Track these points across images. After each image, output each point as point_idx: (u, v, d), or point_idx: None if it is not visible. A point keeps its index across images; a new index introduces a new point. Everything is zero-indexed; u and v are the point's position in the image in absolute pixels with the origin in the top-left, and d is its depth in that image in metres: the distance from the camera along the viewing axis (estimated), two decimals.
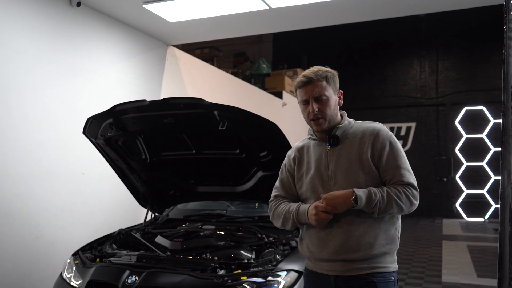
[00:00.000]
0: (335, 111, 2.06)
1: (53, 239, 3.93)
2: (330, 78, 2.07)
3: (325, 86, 2.04)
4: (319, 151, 2.10)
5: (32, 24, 3.81)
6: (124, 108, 2.93)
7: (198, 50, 9.65)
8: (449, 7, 4.86)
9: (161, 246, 3.03)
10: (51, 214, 3.92)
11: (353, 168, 1.98)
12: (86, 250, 3.11)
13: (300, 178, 2.13)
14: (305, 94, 2.04)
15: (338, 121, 2.09)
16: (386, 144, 1.99)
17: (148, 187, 3.55)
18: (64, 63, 4.12)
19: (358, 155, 1.99)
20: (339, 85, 2.13)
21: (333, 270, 2.00)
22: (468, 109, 12.37)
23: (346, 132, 2.07)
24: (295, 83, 2.12)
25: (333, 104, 2.05)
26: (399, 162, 1.97)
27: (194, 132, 3.08)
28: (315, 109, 2.01)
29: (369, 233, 1.95)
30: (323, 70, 2.09)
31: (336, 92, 2.09)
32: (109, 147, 3.26)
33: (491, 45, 12.17)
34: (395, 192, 1.91)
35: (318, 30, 6.74)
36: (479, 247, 7.69)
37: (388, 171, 1.97)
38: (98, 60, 4.56)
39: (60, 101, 4.08)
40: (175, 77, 5.80)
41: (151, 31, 5.21)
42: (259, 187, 3.31)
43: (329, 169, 2.03)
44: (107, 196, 4.55)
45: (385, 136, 2.01)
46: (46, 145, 3.91)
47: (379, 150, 1.98)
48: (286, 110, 9.46)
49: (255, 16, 4.75)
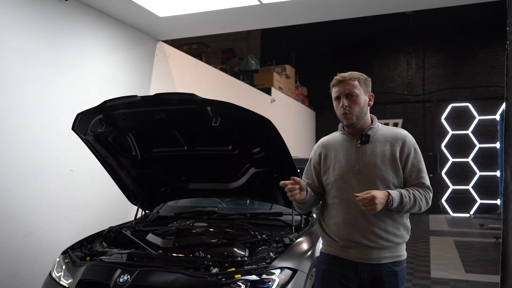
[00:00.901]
0: (364, 109, 2.28)
1: (42, 237, 3.86)
2: (362, 80, 2.30)
3: (356, 85, 2.27)
4: (349, 146, 2.31)
5: (18, 18, 3.72)
6: (114, 104, 2.87)
7: (186, 46, 9.57)
8: (436, 5, 4.86)
9: (153, 244, 2.98)
10: (39, 212, 3.85)
11: (382, 165, 2.22)
12: (75, 249, 3.05)
13: (327, 169, 2.34)
14: (338, 91, 2.29)
15: (368, 122, 2.33)
16: (411, 149, 2.26)
17: (139, 184, 3.49)
18: (51, 58, 4.04)
19: (390, 155, 2.23)
20: (371, 89, 2.35)
21: (361, 258, 2.21)
22: (454, 105, 12.49)
23: (375, 133, 2.30)
24: (332, 81, 2.34)
25: (362, 102, 2.27)
26: (421, 166, 2.26)
27: (186, 128, 3.04)
28: (345, 104, 2.24)
29: (392, 224, 2.21)
30: (356, 73, 2.32)
31: (366, 94, 2.31)
32: (99, 144, 3.20)
33: (477, 43, 12.30)
34: (419, 195, 2.18)
35: (305, 27, 6.74)
36: (465, 243, 7.76)
37: (412, 173, 2.24)
38: (86, 55, 4.48)
39: (47, 97, 3.99)
40: (165, 73, 5.73)
41: (141, 26, 5.14)
42: (251, 184, 3.28)
43: (359, 164, 2.25)
44: (96, 194, 4.48)
45: (412, 142, 2.29)
46: (33, 142, 3.84)
47: (406, 153, 2.24)
48: (274, 107, 9.44)
49: (246, 11, 4.71)
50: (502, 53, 12.14)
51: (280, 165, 2.96)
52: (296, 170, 2.87)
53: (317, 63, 13.07)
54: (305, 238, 3.03)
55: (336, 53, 13.26)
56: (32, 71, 3.83)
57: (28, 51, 3.80)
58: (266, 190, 3.25)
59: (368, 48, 13.20)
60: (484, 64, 12.31)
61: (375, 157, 2.24)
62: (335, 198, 2.32)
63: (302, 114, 11.63)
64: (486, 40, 12.22)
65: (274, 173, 3.06)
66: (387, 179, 2.22)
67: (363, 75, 2.34)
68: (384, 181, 2.21)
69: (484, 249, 7.18)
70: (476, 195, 12.13)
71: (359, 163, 2.26)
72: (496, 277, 5.29)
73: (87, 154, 3.55)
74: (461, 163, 12.39)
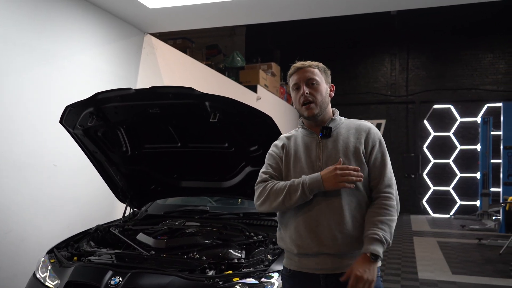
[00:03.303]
0: (326, 99, 2.08)
1: (23, 234, 3.68)
2: (322, 68, 2.13)
3: (317, 73, 2.09)
4: (309, 141, 2.08)
5: (1, 4, 3.53)
6: (106, 97, 2.74)
7: (170, 40, 9.39)
8: (421, 5, 4.82)
9: (144, 244, 2.86)
10: (20, 208, 3.67)
11: (345, 159, 1.97)
12: (61, 248, 2.90)
13: (287, 166, 2.08)
14: (297, 79, 2.08)
15: (329, 114, 2.11)
16: (376, 141, 2.04)
17: (128, 181, 3.36)
18: (35, 48, 3.85)
19: (353, 147, 2.00)
20: (330, 80, 2.17)
21: (322, 269, 1.94)
22: (436, 107, 12.60)
23: (338, 126, 2.09)
24: (290, 70, 2.14)
25: (323, 91, 2.08)
26: (386, 161, 2.03)
27: (181, 124, 2.92)
28: (306, 91, 2.04)
29: (358, 227, 1.93)
30: (315, 62, 2.15)
31: (327, 83, 2.13)
32: (87, 138, 3.06)
33: (459, 45, 12.42)
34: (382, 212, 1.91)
35: (291, 25, 6.68)
36: (449, 244, 7.81)
37: (375, 168, 2.00)
38: (72, 46, 4.30)
39: (30, 88, 3.81)
40: (152, 66, 5.57)
41: (129, 18, 4.97)
42: (246, 183, 3.17)
43: (320, 159, 2.01)
44: (80, 190, 4.31)
45: (377, 135, 2.07)
46: (16, 135, 3.65)
47: (371, 146, 2.02)
48: (260, 104, 9.34)
49: (237, 5, 4.60)
50: (483, 56, 12.30)
51: None
52: None
53: None
54: None
55: (321, 52, 13.21)
56: (15, 60, 3.64)
57: (11, 39, 3.61)
58: None
59: (353, 48, 13.21)
60: (467, 66, 12.45)
61: (337, 151, 2.00)
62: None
63: (286, 112, 11.56)
64: (469, 43, 12.35)
65: None
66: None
67: (322, 64, 2.17)
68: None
69: (468, 250, 7.23)
70: (456, 196, 12.27)
71: (320, 159, 2.00)
72: (482, 278, 5.31)
73: (72, 149, 3.40)
74: (442, 164, 12.51)
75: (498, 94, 11.96)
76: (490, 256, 6.72)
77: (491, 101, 11.93)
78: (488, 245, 7.63)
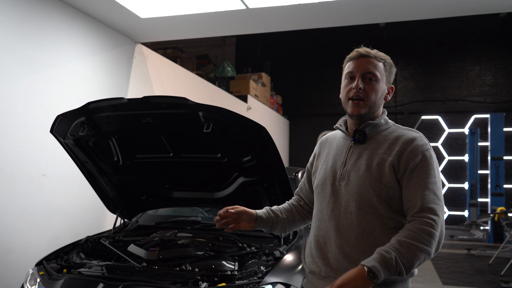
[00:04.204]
0: (379, 101, 1.78)
1: (10, 246, 3.60)
2: (388, 65, 1.82)
3: (380, 68, 1.79)
4: (343, 144, 1.85)
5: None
6: (98, 106, 2.71)
7: (161, 50, 9.39)
8: (408, 18, 4.87)
9: (135, 256, 2.82)
10: (8, 219, 3.60)
11: (370, 173, 1.69)
12: (51, 260, 2.84)
13: (316, 171, 1.93)
14: (355, 67, 1.79)
15: (375, 117, 1.80)
16: (417, 156, 1.66)
17: (119, 192, 3.31)
18: (24, 56, 3.81)
19: (379, 160, 1.69)
20: (392, 79, 1.85)
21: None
22: (424, 118, 12.71)
23: (377, 131, 1.78)
24: (351, 53, 1.87)
25: (380, 91, 1.78)
26: (426, 181, 1.62)
27: (174, 134, 2.89)
28: (360, 86, 1.74)
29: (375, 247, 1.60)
30: (384, 54, 1.84)
31: (388, 84, 1.83)
32: (78, 148, 3.01)
33: (447, 57, 12.57)
34: (409, 235, 1.54)
35: (281, 36, 6.73)
36: (438, 254, 7.74)
37: (409, 188, 1.64)
38: (62, 55, 4.26)
39: (19, 97, 3.76)
40: (143, 76, 5.55)
41: (120, 27, 4.95)
42: (238, 194, 3.15)
43: (345, 167, 1.76)
44: (70, 200, 4.25)
45: (419, 148, 1.67)
46: (4, 144, 3.59)
47: (407, 160, 1.66)
48: (250, 114, 9.34)
49: (231, 15, 4.60)
50: (471, 68, 12.46)
51: (271, 175, 2.85)
52: (288, 180, 2.78)
53: (291, 72, 13.09)
54: (295, 251, 2.92)
55: (310, 63, 13.30)
56: (3, 68, 3.60)
57: (0, 47, 3.56)
58: (254, 200, 3.13)
59: (343, 59, 13.26)
60: (454, 78, 12.60)
61: (366, 162, 1.71)
62: (315, 209, 1.89)
63: (276, 122, 11.58)
64: (456, 55, 12.52)
65: (264, 183, 2.94)
66: (367, 198, 1.66)
67: (390, 60, 1.85)
68: (362, 201, 1.66)
69: (457, 260, 7.26)
70: (444, 207, 12.31)
71: (345, 166, 1.76)
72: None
73: (62, 158, 3.37)
74: None
75: (485, 106, 12.10)
76: (480, 267, 6.76)
77: (478, 112, 12.07)
78: (477, 255, 7.67)
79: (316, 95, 12.74)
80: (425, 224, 1.57)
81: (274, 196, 2.94)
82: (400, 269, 1.50)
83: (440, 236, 1.59)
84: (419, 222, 1.58)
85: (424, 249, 1.54)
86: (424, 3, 4.29)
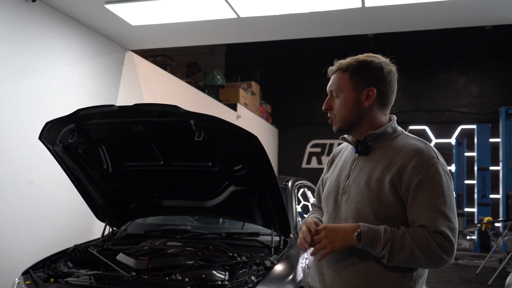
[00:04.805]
0: (354, 111, 1.68)
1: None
2: (355, 69, 1.68)
3: (342, 79, 1.70)
4: (349, 156, 1.77)
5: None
6: (88, 113, 2.68)
7: (150, 58, 9.37)
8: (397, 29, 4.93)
9: (124, 265, 2.77)
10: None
11: (368, 189, 1.60)
12: (38, 269, 2.79)
13: (325, 183, 1.88)
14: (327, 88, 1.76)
15: (376, 126, 1.69)
16: (421, 171, 1.52)
17: (108, 200, 3.28)
18: (14, 62, 3.77)
19: (381, 174, 1.58)
20: (374, 81, 1.67)
21: None
22: (412, 128, 12.82)
23: (382, 141, 1.68)
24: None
25: (347, 103, 1.68)
26: (433, 201, 1.49)
27: (165, 142, 2.87)
28: (324, 106, 1.74)
29: (365, 275, 1.57)
30: (353, 59, 1.72)
31: (360, 89, 1.67)
32: (67, 155, 2.98)
33: (434, 68, 12.73)
34: (416, 235, 1.48)
35: (270, 45, 6.80)
36: None
37: (414, 209, 1.52)
38: (51, 61, 4.22)
39: (6, 102, 3.71)
40: (133, 83, 5.52)
41: (111, 34, 4.93)
42: (229, 202, 3.13)
43: (348, 180, 1.69)
44: (57, 208, 4.20)
45: (425, 160, 1.54)
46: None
47: (409, 177, 1.53)
48: (240, 123, 9.34)
49: (222, 24, 4.62)
50: (457, 79, 12.62)
51: (262, 184, 2.84)
52: (279, 190, 2.77)
53: (281, 81, 13.14)
54: (286, 260, 2.91)
55: (300, 72, 13.36)
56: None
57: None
58: (244, 209, 3.12)
59: None
60: (441, 89, 12.75)
61: (363, 177, 1.63)
62: (323, 221, 1.84)
63: (266, 131, 11.59)
64: (443, 66, 12.68)
65: (255, 191, 2.93)
66: (364, 216, 1.58)
67: (363, 61, 1.68)
68: (359, 218, 1.59)
69: (445, 270, 7.29)
70: None
71: (348, 180, 1.68)
72: None
73: (50, 166, 3.33)
74: None
75: (471, 117, 12.25)
76: (467, 276, 6.80)
77: (464, 123, 12.21)
78: (464, 265, 7.72)
79: (305, 104, 12.80)
80: (433, 235, 1.48)
81: (265, 205, 2.93)
82: (382, 256, 1.50)
83: (445, 258, 1.50)
84: (428, 232, 1.49)
85: (418, 261, 1.50)
86: (412, 15, 4.35)
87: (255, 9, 4.20)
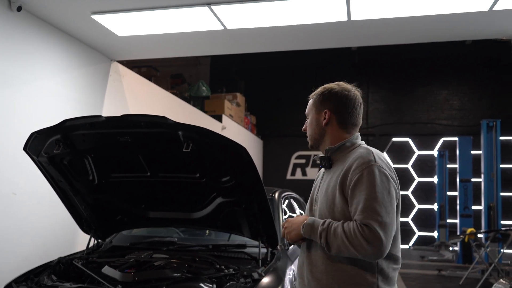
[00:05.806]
0: (317, 130, 2.00)
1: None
2: (315, 96, 2.05)
3: (310, 105, 2.08)
4: (322, 171, 2.08)
5: None
6: (75, 124, 2.65)
7: (135, 68, 9.34)
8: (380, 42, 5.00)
9: (110, 278, 2.73)
10: None
11: (326, 197, 1.87)
12: (20, 282, 2.74)
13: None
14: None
15: (333, 143, 1.97)
16: (359, 172, 1.74)
17: (93, 211, 3.23)
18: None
19: (335, 182, 1.84)
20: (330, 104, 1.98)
21: None
22: (395, 140, 12.97)
23: (341, 154, 1.92)
24: None
25: (314, 122, 2.03)
26: (365, 197, 1.68)
27: (152, 153, 2.85)
28: (303, 127, 2.10)
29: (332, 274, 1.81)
30: (317, 91, 2.07)
31: (318, 111, 2.01)
32: (52, 166, 2.93)
33: (416, 81, 12.93)
34: (347, 227, 1.69)
35: (255, 56, 6.86)
36: (409, 275, 7.90)
37: (352, 206, 1.74)
38: (36, 71, 4.18)
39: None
40: (118, 94, 5.49)
41: (96, 44, 4.90)
42: (216, 214, 3.12)
43: (318, 193, 1.99)
44: (40, 220, 4.12)
45: (363, 163, 1.75)
46: None
47: (350, 179, 1.75)
48: (225, 134, 9.34)
49: (208, 35, 4.63)
50: (438, 92, 12.83)
51: (250, 196, 2.83)
52: (267, 202, 2.77)
53: (265, 93, 13.20)
54: (273, 272, 2.90)
55: (284, 84, 13.45)
56: None
57: None
58: (232, 220, 3.10)
59: (316, 81, 13.43)
60: (423, 102, 12.94)
61: (326, 187, 1.90)
62: None
63: (251, 142, 11.60)
64: (425, 79, 12.88)
65: (242, 203, 2.92)
66: (336, 215, 1.82)
67: (325, 88, 2.01)
68: (334, 218, 1.82)
69: (429, 281, 7.35)
70: (415, 227, 12.52)
71: (318, 192, 1.98)
72: None
73: (34, 176, 3.27)
74: (401, 196, 12.67)
75: (453, 129, 12.45)
76: (451, 287, 6.85)
77: (446, 135, 12.40)
78: (447, 276, 7.78)
79: (289, 116, 12.87)
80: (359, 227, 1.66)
81: (252, 217, 2.92)
82: (323, 245, 1.76)
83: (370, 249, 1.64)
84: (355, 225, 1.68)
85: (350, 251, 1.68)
86: (397, 29, 4.43)
87: (242, 21, 4.23)
